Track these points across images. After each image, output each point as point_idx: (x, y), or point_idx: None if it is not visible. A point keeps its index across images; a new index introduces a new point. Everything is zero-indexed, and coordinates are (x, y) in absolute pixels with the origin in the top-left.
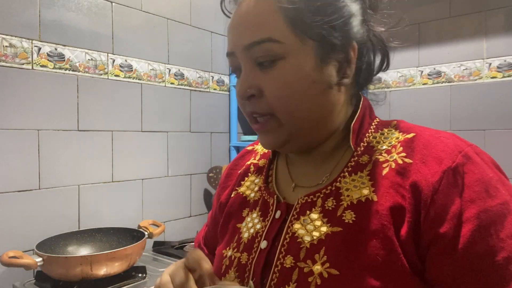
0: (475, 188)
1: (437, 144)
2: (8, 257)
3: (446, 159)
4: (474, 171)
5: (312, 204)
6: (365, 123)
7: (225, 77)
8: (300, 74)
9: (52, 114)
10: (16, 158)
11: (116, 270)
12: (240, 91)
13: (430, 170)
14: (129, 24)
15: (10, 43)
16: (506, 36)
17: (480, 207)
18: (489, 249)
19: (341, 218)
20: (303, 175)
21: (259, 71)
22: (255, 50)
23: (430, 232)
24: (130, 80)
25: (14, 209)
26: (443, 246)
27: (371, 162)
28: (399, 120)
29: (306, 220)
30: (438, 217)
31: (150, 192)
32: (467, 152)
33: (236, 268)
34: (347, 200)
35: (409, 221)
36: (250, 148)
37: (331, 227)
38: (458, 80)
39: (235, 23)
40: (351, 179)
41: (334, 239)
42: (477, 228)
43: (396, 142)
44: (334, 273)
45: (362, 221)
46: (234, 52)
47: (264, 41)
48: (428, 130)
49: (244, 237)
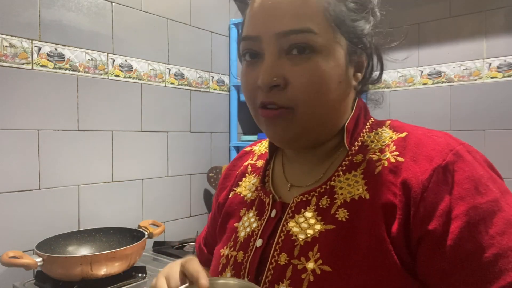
0: (465, 185)
1: (428, 142)
2: (8, 257)
3: (436, 157)
4: (465, 169)
5: (307, 202)
6: (360, 123)
7: (225, 77)
8: (331, 71)
9: (52, 114)
10: (16, 158)
11: (116, 270)
12: (265, 79)
13: (420, 168)
14: (129, 24)
15: (10, 43)
16: (506, 36)
17: (469, 204)
18: (478, 245)
19: (334, 216)
20: (298, 175)
21: (288, 61)
22: (291, 39)
23: (419, 229)
24: (130, 80)
25: (14, 209)
26: (432, 242)
27: (365, 161)
28: (393, 120)
29: (301, 218)
30: (427, 214)
31: (150, 192)
32: (458, 151)
33: (232, 267)
34: (341, 198)
35: (399, 218)
36: (248, 149)
37: (324, 225)
38: (458, 80)
39: (268, 6)
40: (345, 178)
41: (328, 237)
42: (466, 225)
43: (390, 141)
44: (327, 269)
45: (355, 219)
46: (259, 37)
47: (303, 31)
48: (420, 129)
49: (240, 236)
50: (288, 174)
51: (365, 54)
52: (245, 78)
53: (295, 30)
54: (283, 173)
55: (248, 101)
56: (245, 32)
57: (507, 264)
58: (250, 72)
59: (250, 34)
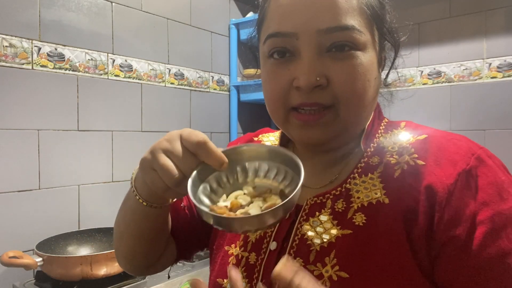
0: (488, 190)
1: (450, 146)
2: (8, 257)
3: (460, 161)
4: (487, 173)
5: (321, 205)
6: (375, 124)
7: (225, 77)
8: (370, 67)
9: (52, 114)
10: (16, 158)
11: (116, 270)
12: (308, 79)
13: (445, 172)
14: (129, 24)
15: (10, 43)
16: (506, 36)
17: (494, 210)
18: (500, 251)
19: (351, 220)
20: (311, 175)
21: (328, 58)
22: (334, 36)
23: (444, 234)
24: (130, 80)
25: (14, 209)
26: (457, 247)
27: (382, 164)
28: (408, 121)
29: (316, 221)
30: (453, 219)
31: None
32: (479, 155)
33: (244, 268)
34: (358, 202)
35: (422, 223)
36: (256, 138)
37: (341, 229)
38: (458, 80)
39: (305, 2)
40: (361, 180)
41: (345, 242)
42: (489, 231)
43: (407, 144)
44: (344, 276)
45: (373, 224)
46: (296, 33)
47: (348, 28)
48: (439, 131)
49: (251, 237)
50: None
51: (394, 49)
52: (274, 79)
53: (339, 27)
54: None
55: (275, 104)
56: (276, 28)
57: None
58: (281, 72)
59: (284, 30)
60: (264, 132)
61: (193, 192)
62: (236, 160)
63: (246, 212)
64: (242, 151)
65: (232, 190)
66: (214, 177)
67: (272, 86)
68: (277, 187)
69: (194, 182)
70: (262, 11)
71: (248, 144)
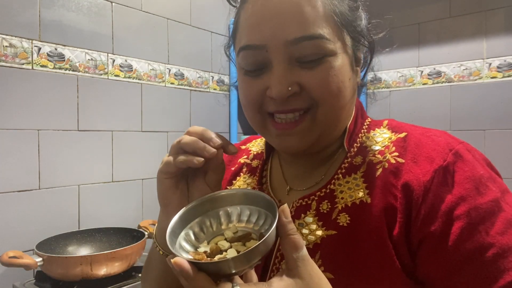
0: (465, 185)
1: (427, 143)
2: (8, 257)
3: (437, 158)
4: (464, 168)
5: (306, 207)
6: (358, 123)
7: (225, 77)
8: (342, 70)
9: (52, 114)
10: (16, 158)
11: (116, 270)
12: (281, 91)
13: (421, 169)
14: (129, 24)
15: (10, 43)
16: (506, 36)
17: (471, 204)
18: (478, 246)
19: (335, 221)
20: (297, 178)
21: (299, 67)
22: (302, 46)
23: (421, 231)
24: (130, 80)
25: (14, 209)
26: (434, 243)
27: (365, 163)
28: (390, 120)
29: (302, 224)
30: (429, 216)
31: (150, 192)
32: (457, 150)
33: None
34: (342, 202)
35: (400, 221)
36: (244, 147)
37: (326, 230)
38: (458, 80)
39: (272, 11)
40: (345, 181)
41: (329, 243)
42: (466, 226)
43: (389, 142)
44: (329, 277)
45: (356, 224)
46: (265, 45)
47: (316, 37)
48: (419, 128)
49: None
50: (287, 176)
51: (368, 49)
52: (247, 88)
53: (307, 36)
54: (282, 175)
55: (251, 112)
56: (246, 41)
57: (507, 264)
58: (254, 82)
59: (253, 43)
60: (251, 139)
61: (172, 241)
62: (220, 205)
63: (224, 256)
64: (222, 197)
65: (214, 236)
66: (197, 223)
67: (247, 95)
68: (258, 231)
69: (174, 230)
70: (235, 22)
71: (227, 190)
